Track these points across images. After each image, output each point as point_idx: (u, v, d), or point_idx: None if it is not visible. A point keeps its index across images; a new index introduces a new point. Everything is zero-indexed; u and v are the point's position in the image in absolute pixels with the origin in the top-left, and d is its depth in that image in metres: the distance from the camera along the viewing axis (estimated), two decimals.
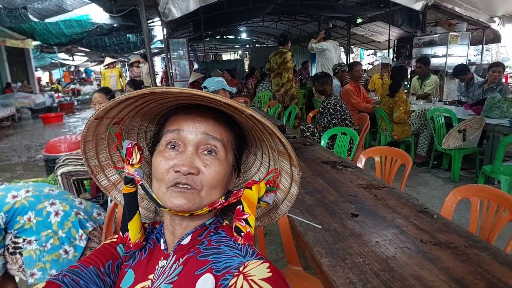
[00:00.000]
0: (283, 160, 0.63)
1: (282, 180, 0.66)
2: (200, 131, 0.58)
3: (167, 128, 0.61)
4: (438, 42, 6.78)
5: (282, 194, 0.68)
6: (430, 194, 3.24)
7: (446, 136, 3.49)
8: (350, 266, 1.08)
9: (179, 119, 0.60)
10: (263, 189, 0.61)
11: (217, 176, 0.58)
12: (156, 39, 9.98)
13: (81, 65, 18.01)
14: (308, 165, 2.21)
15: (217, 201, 0.59)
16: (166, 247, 0.63)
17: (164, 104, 0.61)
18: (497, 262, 1.06)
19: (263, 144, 0.65)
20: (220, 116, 0.61)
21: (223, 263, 0.55)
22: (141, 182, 0.58)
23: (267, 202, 0.62)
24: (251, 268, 0.51)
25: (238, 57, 18.85)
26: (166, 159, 0.58)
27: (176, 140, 0.59)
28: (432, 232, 1.26)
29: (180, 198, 0.55)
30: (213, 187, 0.58)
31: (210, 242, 0.60)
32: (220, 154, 0.59)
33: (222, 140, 0.60)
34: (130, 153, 0.58)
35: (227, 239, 0.60)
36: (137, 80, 5.96)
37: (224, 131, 0.61)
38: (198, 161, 0.57)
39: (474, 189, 1.51)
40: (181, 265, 0.58)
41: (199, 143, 0.58)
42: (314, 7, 7.59)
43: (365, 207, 1.52)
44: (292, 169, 0.62)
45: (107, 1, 6.17)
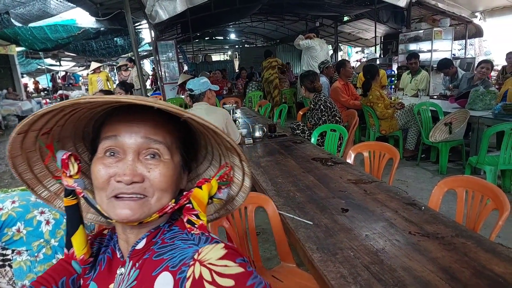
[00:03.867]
0: (233, 155, 0.61)
1: (235, 174, 0.65)
2: (140, 135, 0.54)
3: (104, 134, 0.56)
4: (423, 38, 6.91)
5: (237, 187, 0.66)
6: (419, 187, 3.30)
7: (433, 130, 3.56)
8: (341, 261, 1.10)
9: (116, 124, 0.55)
10: (215, 187, 0.59)
11: (164, 179, 0.55)
12: (144, 42, 9.89)
13: (68, 70, 17.74)
14: (299, 163, 2.23)
15: (167, 206, 0.56)
16: (122, 254, 0.60)
17: (97, 109, 0.55)
18: (482, 250, 1.09)
19: (212, 139, 0.62)
20: (161, 115, 0.56)
21: (178, 256, 0.53)
22: (82, 194, 0.54)
23: (220, 198, 0.61)
24: (206, 253, 0.51)
25: (228, 58, 18.83)
26: (106, 166, 0.53)
27: (114, 147, 0.54)
28: (420, 224, 1.29)
29: (125, 209, 0.52)
30: (163, 190, 0.55)
31: (163, 240, 0.58)
32: (164, 156, 0.56)
33: (165, 142, 0.56)
34: (66, 165, 0.54)
35: (180, 233, 0.58)
36: (128, 82, 5.91)
37: (167, 132, 0.57)
38: (141, 167, 0.54)
39: (459, 180, 1.55)
40: (137, 269, 0.56)
41: (140, 148, 0.54)
42: (301, 7, 7.64)
43: (354, 202, 1.54)
44: (242, 163, 0.61)
45: (93, 4, 6.10)
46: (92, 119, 0.60)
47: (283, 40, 14.44)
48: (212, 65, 13.06)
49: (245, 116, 4.48)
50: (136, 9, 6.20)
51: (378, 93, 3.95)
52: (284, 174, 2.03)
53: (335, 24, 9.71)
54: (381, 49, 9.26)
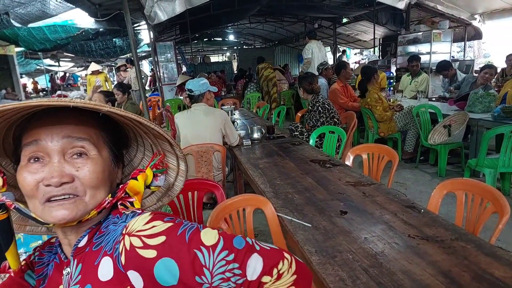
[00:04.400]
0: (163, 142, 0.61)
1: (169, 160, 0.66)
2: (61, 135, 0.53)
3: (24, 141, 0.54)
4: (422, 40, 6.92)
5: (173, 172, 0.68)
6: (418, 189, 3.29)
7: (432, 132, 3.56)
8: (340, 263, 1.09)
9: (35, 128, 0.53)
10: (150, 176, 0.60)
11: (94, 176, 0.54)
12: (143, 43, 9.89)
13: (67, 71, 17.71)
14: (297, 164, 2.22)
15: (104, 201, 0.56)
16: (65, 255, 0.60)
17: (15, 116, 0.53)
18: (482, 254, 1.08)
19: (139, 130, 0.62)
20: (82, 113, 0.55)
21: (111, 239, 0.54)
22: (13, 205, 0.52)
23: (158, 186, 0.62)
24: (132, 224, 0.52)
25: (226, 59, 18.85)
26: (31, 173, 0.52)
27: (37, 152, 0.53)
28: (419, 227, 1.28)
29: (60, 210, 0.52)
30: (95, 188, 0.55)
31: (100, 230, 0.58)
32: (91, 153, 0.55)
33: (90, 138, 0.55)
34: None
35: (112, 219, 0.58)
36: (125, 83, 5.90)
37: (91, 128, 0.56)
38: (68, 167, 0.53)
39: (458, 183, 1.54)
40: (79, 263, 0.56)
41: (64, 149, 0.53)
42: (299, 8, 7.65)
43: (353, 204, 1.53)
44: (173, 148, 0.62)
45: (92, 5, 6.09)
46: (11, 128, 0.58)
47: (281, 42, 14.47)
48: (210, 66, 13.04)
49: (244, 118, 4.47)
50: (135, 10, 6.19)
51: (377, 95, 3.95)
52: (283, 175, 2.01)
53: (334, 25, 9.73)
54: (380, 51, 9.27)
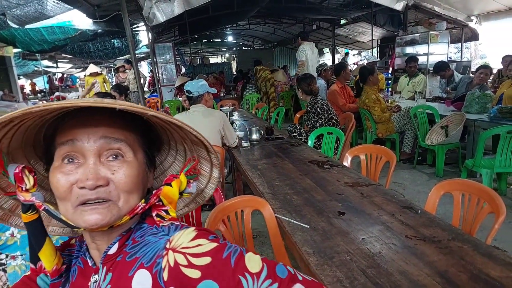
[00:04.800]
0: (199, 148, 0.60)
1: (203, 166, 0.64)
2: (99, 135, 0.51)
3: (59, 140, 0.52)
4: (419, 41, 6.95)
5: (205, 179, 0.65)
6: (416, 190, 3.31)
7: (429, 132, 3.58)
8: (338, 264, 1.10)
9: (71, 128, 0.52)
10: (185, 182, 0.58)
11: (130, 180, 0.52)
12: (142, 44, 9.88)
13: (65, 72, 17.67)
14: (296, 165, 2.23)
15: (137, 206, 0.54)
16: (94, 262, 0.58)
17: (49, 115, 0.51)
18: (479, 254, 1.09)
19: (174, 134, 0.60)
20: (119, 114, 0.53)
21: (151, 251, 0.52)
22: (43, 207, 0.51)
23: (190, 192, 0.60)
24: (177, 239, 0.50)
25: (226, 60, 18.85)
26: (65, 174, 0.50)
27: (72, 152, 0.51)
28: (416, 227, 1.29)
29: (93, 215, 0.50)
30: (129, 192, 0.53)
31: (134, 240, 0.56)
32: (127, 155, 0.53)
33: (127, 140, 0.54)
34: (21, 179, 0.51)
35: (149, 229, 0.56)
36: (123, 85, 5.89)
37: (127, 129, 0.55)
38: (104, 170, 0.51)
39: (455, 183, 1.55)
40: (110, 272, 0.54)
41: (100, 150, 0.52)
42: (298, 10, 7.67)
43: (351, 205, 1.54)
44: (210, 155, 0.60)
45: (90, 6, 6.09)
46: (43, 126, 0.56)
47: (280, 43, 14.49)
48: (209, 67, 13.05)
49: (242, 119, 4.48)
50: (133, 11, 6.19)
51: (375, 96, 3.96)
52: (281, 177, 2.02)
53: (332, 27, 9.76)
54: (378, 52, 9.30)
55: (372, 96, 3.95)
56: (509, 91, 3.62)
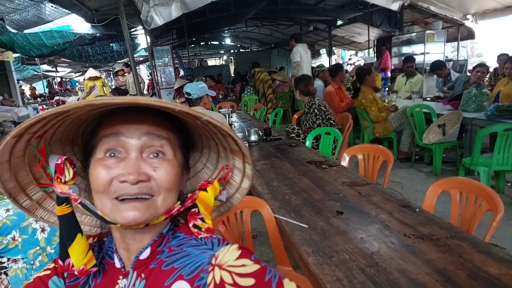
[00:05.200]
0: (235, 157, 0.60)
1: (234, 176, 0.64)
2: (143, 131, 0.52)
3: (103, 133, 0.53)
4: (416, 41, 6.99)
5: (233, 189, 0.66)
6: (414, 188, 3.32)
7: (427, 131, 3.59)
8: (337, 264, 1.10)
9: (115, 123, 0.52)
10: (218, 189, 0.59)
11: (170, 178, 0.53)
12: (140, 47, 9.91)
13: (65, 76, 17.68)
14: (294, 166, 2.23)
15: (173, 207, 0.54)
16: (123, 264, 0.57)
17: (96, 110, 0.52)
18: (477, 252, 1.10)
19: (211, 142, 0.61)
20: (160, 113, 0.54)
21: (193, 264, 0.52)
22: (79, 200, 0.50)
23: (221, 200, 0.61)
24: (223, 256, 0.50)
25: (224, 62, 18.88)
26: (107, 168, 0.50)
27: (116, 146, 0.52)
28: (414, 226, 1.30)
29: (132, 211, 0.49)
30: (169, 190, 0.53)
31: (170, 248, 0.56)
32: (168, 154, 0.54)
33: (168, 138, 0.54)
34: (61, 170, 0.51)
35: (187, 239, 0.56)
36: (122, 89, 5.91)
37: (169, 129, 0.55)
38: (145, 166, 0.51)
39: (453, 181, 1.56)
40: (143, 280, 0.54)
41: (143, 146, 0.52)
42: (294, 11, 7.69)
43: (349, 205, 1.55)
44: (245, 166, 0.61)
45: (88, 11, 6.11)
46: (86, 121, 0.57)
47: (278, 45, 14.51)
48: (208, 69, 13.07)
49: (241, 120, 4.49)
50: (131, 15, 6.21)
51: (371, 96, 3.98)
52: (280, 177, 2.03)
53: (329, 28, 9.78)
54: (375, 52, 9.33)
55: (369, 96, 3.96)
56: (505, 89, 3.64)
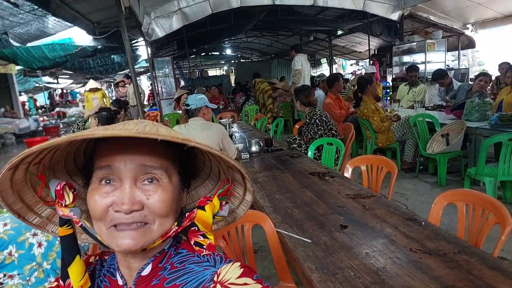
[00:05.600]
0: (233, 171, 0.60)
1: (236, 189, 0.64)
2: (136, 163, 0.52)
3: (97, 164, 0.54)
4: (416, 50, 7.01)
5: (237, 200, 0.66)
6: (419, 200, 3.27)
7: (430, 141, 3.56)
8: (341, 281, 1.06)
9: (109, 152, 0.53)
10: (217, 205, 0.59)
11: (164, 205, 0.53)
12: (141, 59, 9.98)
13: (66, 88, 17.82)
14: (296, 178, 2.20)
15: (170, 230, 0.55)
16: (125, 282, 0.57)
17: None
18: (487, 268, 1.06)
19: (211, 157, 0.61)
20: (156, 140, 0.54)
21: (195, 280, 0.53)
22: (80, 223, 0.53)
23: (222, 215, 0.61)
24: (225, 273, 0.51)
25: (224, 73, 19.02)
26: (102, 197, 0.52)
27: (110, 175, 0.52)
28: (421, 240, 1.26)
29: (126, 239, 0.51)
30: (164, 216, 0.54)
31: (173, 265, 0.57)
32: (163, 180, 0.54)
33: (162, 167, 0.54)
34: (61, 195, 0.53)
35: (190, 256, 0.58)
36: (122, 100, 5.93)
37: (163, 155, 0.55)
38: (139, 194, 0.52)
39: (458, 193, 1.52)
40: None
41: (136, 176, 0.52)
42: (294, 22, 7.77)
43: (353, 218, 1.51)
44: (244, 180, 0.61)
45: (90, 23, 6.18)
46: (84, 142, 0.58)
47: (278, 55, 14.64)
48: (208, 80, 13.14)
49: (242, 131, 4.47)
50: (132, 27, 6.28)
51: (373, 106, 3.96)
52: (282, 190, 2.00)
53: (329, 38, 9.87)
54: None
55: (371, 106, 3.95)
56: (508, 98, 3.62)
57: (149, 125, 0.52)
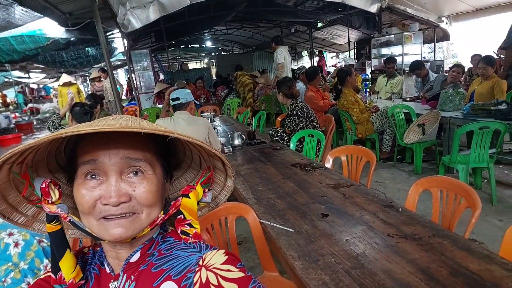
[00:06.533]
0: (215, 160, 0.63)
1: (217, 176, 0.67)
2: (120, 156, 0.54)
3: (81, 160, 0.54)
4: (394, 42, 7.16)
5: (219, 187, 0.69)
6: (396, 188, 3.38)
7: (407, 131, 3.67)
8: (323, 267, 1.10)
9: (92, 147, 0.54)
10: (201, 192, 0.62)
11: (151, 195, 0.55)
12: (118, 51, 9.69)
13: (38, 82, 17.08)
14: (278, 169, 2.23)
15: (157, 218, 0.57)
16: (112, 269, 0.60)
17: None
18: (458, 249, 1.12)
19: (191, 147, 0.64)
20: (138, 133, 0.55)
21: (181, 265, 0.56)
22: (68, 218, 0.53)
23: (206, 202, 0.64)
24: (210, 258, 0.54)
25: (205, 65, 18.76)
26: (89, 191, 0.53)
27: (95, 169, 0.53)
28: (398, 225, 1.31)
29: (117, 228, 0.53)
30: (151, 206, 0.56)
31: (160, 252, 0.59)
32: (147, 172, 0.56)
33: (146, 158, 0.56)
34: (47, 193, 0.53)
35: (177, 243, 0.60)
36: (98, 94, 5.76)
37: (146, 147, 0.57)
38: (125, 186, 0.54)
39: (433, 180, 1.59)
40: (133, 281, 0.56)
41: (121, 169, 0.54)
42: (275, 14, 7.74)
43: (334, 207, 1.55)
44: (225, 167, 0.63)
45: (61, 14, 5.92)
46: (65, 140, 0.59)
47: (259, 47, 14.58)
48: (188, 73, 12.92)
49: (224, 124, 4.46)
50: (107, 19, 6.07)
51: (353, 97, 4.03)
52: (264, 181, 2.01)
53: (310, 30, 9.91)
54: (355, 53, 9.51)
55: (351, 98, 4.02)
56: (479, 88, 3.77)
57: (131, 120, 0.53)
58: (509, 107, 2.88)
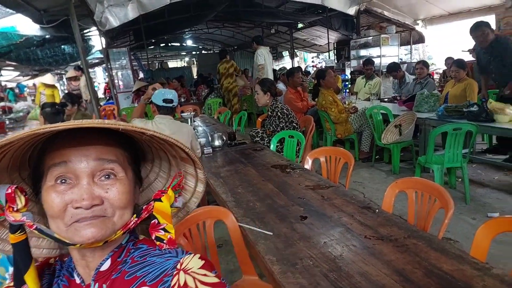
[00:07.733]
0: (186, 164, 0.63)
1: (187, 181, 0.67)
2: (92, 157, 0.53)
3: (51, 161, 0.53)
4: (372, 44, 7.32)
5: (188, 194, 0.69)
6: (374, 187, 3.44)
7: (385, 132, 3.75)
8: (301, 271, 1.10)
9: (62, 149, 0.53)
10: (173, 197, 0.61)
11: (123, 196, 0.55)
12: (95, 49, 9.40)
13: (11, 80, 16.34)
14: (258, 171, 2.22)
15: (130, 221, 0.56)
16: (83, 279, 0.57)
17: (37, 137, 0.51)
18: (432, 249, 1.14)
19: (161, 152, 0.63)
20: (107, 132, 0.55)
21: (157, 270, 0.55)
22: (35, 226, 0.51)
23: (177, 207, 0.64)
24: (187, 263, 0.54)
25: (185, 64, 18.53)
26: (60, 194, 0.51)
27: (65, 173, 0.52)
28: (374, 227, 1.33)
29: (90, 229, 0.51)
30: (123, 208, 0.55)
31: (133, 259, 0.58)
32: (119, 175, 0.55)
33: (118, 160, 0.56)
34: (13, 199, 0.51)
35: (151, 250, 0.60)
36: (74, 93, 5.56)
37: (118, 149, 0.57)
38: (97, 190, 0.53)
39: (408, 181, 1.62)
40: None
41: (93, 171, 0.53)
42: (255, 14, 7.74)
43: (313, 209, 1.55)
44: (197, 171, 0.64)
45: (36, 11, 5.68)
46: (31, 148, 0.56)
47: (240, 47, 14.55)
48: (169, 72, 12.74)
49: (204, 124, 4.41)
50: (84, 16, 5.88)
51: (331, 98, 4.08)
52: (244, 183, 2.00)
53: (290, 31, 9.98)
54: (335, 54, 9.65)
55: (329, 98, 4.07)
56: (452, 90, 3.90)
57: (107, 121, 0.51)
58: (480, 109, 2.99)
